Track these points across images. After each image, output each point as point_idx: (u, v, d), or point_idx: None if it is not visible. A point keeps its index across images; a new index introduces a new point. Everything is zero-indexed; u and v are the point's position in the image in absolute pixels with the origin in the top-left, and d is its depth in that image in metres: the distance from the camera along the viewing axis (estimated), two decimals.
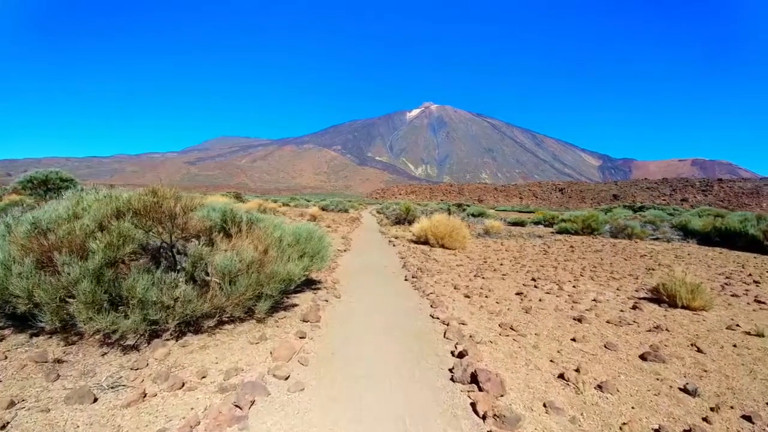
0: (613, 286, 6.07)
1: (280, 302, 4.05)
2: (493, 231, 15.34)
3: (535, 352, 3.03)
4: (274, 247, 3.93)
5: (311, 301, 4.28)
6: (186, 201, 3.46)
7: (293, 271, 3.50)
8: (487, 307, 4.35)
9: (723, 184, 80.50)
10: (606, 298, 5.23)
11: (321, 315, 3.76)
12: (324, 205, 29.68)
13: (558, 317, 4.15)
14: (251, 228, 4.33)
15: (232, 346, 2.93)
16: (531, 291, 5.37)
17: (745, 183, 78.03)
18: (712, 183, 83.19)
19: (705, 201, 73.35)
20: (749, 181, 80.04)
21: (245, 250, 3.56)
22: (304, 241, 4.51)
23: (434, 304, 4.28)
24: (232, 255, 3.44)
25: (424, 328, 3.56)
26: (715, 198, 75.65)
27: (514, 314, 4.15)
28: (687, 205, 67.97)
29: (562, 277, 6.70)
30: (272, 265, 3.50)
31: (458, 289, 5.32)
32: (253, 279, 3.28)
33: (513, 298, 4.95)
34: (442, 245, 10.48)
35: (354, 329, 3.47)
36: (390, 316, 3.93)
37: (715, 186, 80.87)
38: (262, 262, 3.52)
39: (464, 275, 6.53)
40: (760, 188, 72.79)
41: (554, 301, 4.88)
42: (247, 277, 3.32)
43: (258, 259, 3.47)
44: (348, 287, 5.27)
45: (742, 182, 79.46)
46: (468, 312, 4.15)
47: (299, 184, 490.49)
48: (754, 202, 69.44)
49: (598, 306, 4.75)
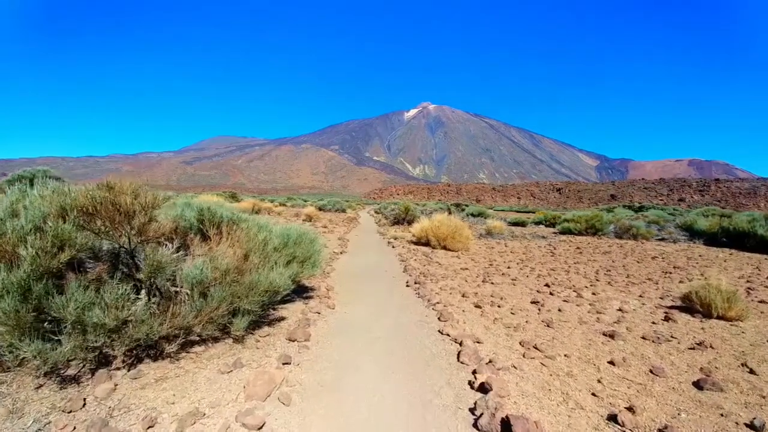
0: (635, 292, 5.54)
1: (264, 316, 3.47)
2: (496, 231, 14.83)
3: (571, 382, 2.48)
4: (257, 251, 3.35)
5: (300, 314, 3.70)
6: (148, 198, 2.87)
7: (277, 281, 2.92)
8: (503, 320, 3.80)
9: (720, 184, 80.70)
10: (632, 307, 4.70)
11: (311, 332, 3.18)
12: (321, 205, 29.05)
13: (585, 332, 3.60)
14: (232, 229, 3.75)
15: (197, 378, 2.35)
16: (547, 299, 4.82)
17: (742, 183, 78.26)
18: (709, 183, 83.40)
19: (702, 201, 73.47)
20: (746, 181, 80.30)
21: (221, 255, 2.99)
22: (293, 244, 3.93)
23: (442, 316, 3.72)
24: (204, 262, 2.86)
25: (433, 349, 2.99)
26: (712, 198, 75.80)
27: (534, 328, 3.60)
28: (684, 205, 68.01)
29: (576, 282, 6.17)
30: (253, 274, 2.92)
31: (467, 297, 4.77)
32: (227, 292, 2.70)
33: (529, 307, 4.40)
34: (444, 247, 9.93)
35: (349, 351, 2.90)
36: (392, 332, 3.36)
37: (712, 186, 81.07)
38: (240, 270, 2.94)
39: (471, 280, 5.98)
40: (757, 188, 73.00)
41: (575, 311, 4.34)
42: (222, 288, 2.74)
43: (235, 266, 2.89)
44: (344, 295, 4.70)
45: (739, 182, 79.71)
46: (482, 326, 3.59)
47: (296, 184, 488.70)
48: (751, 202, 69.59)
49: (625, 317, 4.21)
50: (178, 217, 3.80)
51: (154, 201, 2.90)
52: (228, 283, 2.78)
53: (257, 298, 2.81)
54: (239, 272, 2.97)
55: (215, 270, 2.79)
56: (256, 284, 2.82)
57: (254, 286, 2.81)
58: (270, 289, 2.87)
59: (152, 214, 3.00)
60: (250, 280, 2.83)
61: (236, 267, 2.88)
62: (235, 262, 2.93)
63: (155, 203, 2.88)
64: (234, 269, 2.86)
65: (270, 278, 2.89)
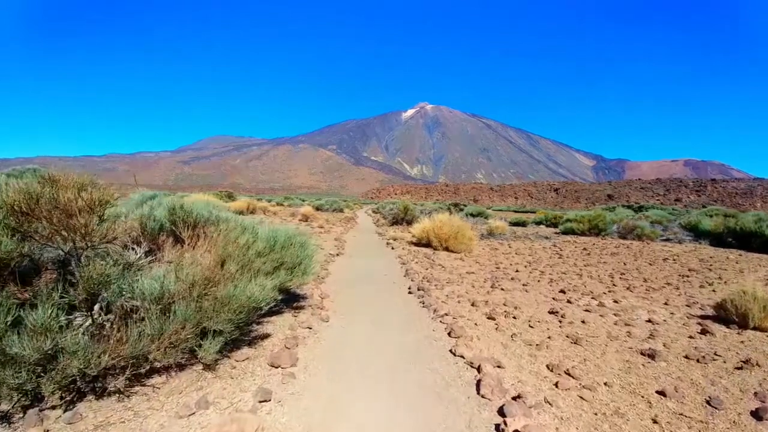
0: (658, 299, 5.07)
1: (245, 333, 2.95)
2: (498, 232, 14.36)
3: (623, 426, 1.98)
4: (235, 258, 2.82)
5: (289, 330, 3.17)
6: (98, 193, 2.34)
7: (257, 295, 2.40)
8: (522, 335, 3.29)
9: (716, 184, 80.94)
10: (661, 317, 4.22)
11: (299, 354, 2.66)
12: (318, 205, 28.46)
13: (619, 350, 3.11)
14: (209, 231, 3.23)
15: (147, 426, 1.82)
16: (566, 308, 4.33)
17: (738, 183, 78.52)
18: (705, 183, 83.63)
19: (699, 201, 73.61)
20: (742, 181, 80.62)
21: (189, 263, 2.46)
22: (281, 248, 3.41)
23: (453, 331, 3.21)
24: (166, 272, 2.33)
25: (445, 375, 2.48)
26: (708, 198, 75.97)
27: (560, 346, 3.10)
28: (681, 205, 68.04)
29: (592, 287, 5.70)
30: (227, 287, 2.40)
31: (477, 306, 4.26)
32: (193, 309, 2.17)
33: (548, 318, 3.91)
34: (446, 248, 9.43)
35: (344, 380, 2.38)
36: (395, 353, 2.85)
37: (708, 186, 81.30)
38: (211, 281, 2.41)
39: (479, 286, 5.48)
40: (754, 188, 73.25)
41: (601, 323, 3.85)
42: (187, 305, 2.22)
43: (205, 277, 2.36)
44: (339, 305, 4.18)
45: (735, 182, 79.98)
46: (499, 344, 3.08)
47: (294, 184, 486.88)
48: (747, 202, 69.77)
49: (658, 330, 3.73)
50: (145, 217, 3.27)
51: (102, 198, 2.36)
52: (195, 299, 2.25)
53: (231, 316, 2.29)
54: (212, 283, 2.45)
55: (179, 282, 2.27)
56: (230, 299, 2.29)
57: (228, 302, 2.29)
58: (248, 305, 2.35)
59: (104, 212, 2.47)
60: (223, 294, 2.30)
61: (206, 278, 2.35)
62: (205, 272, 2.40)
63: (105, 200, 2.34)
64: (203, 280, 2.34)
65: (248, 291, 2.36)
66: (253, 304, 2.36)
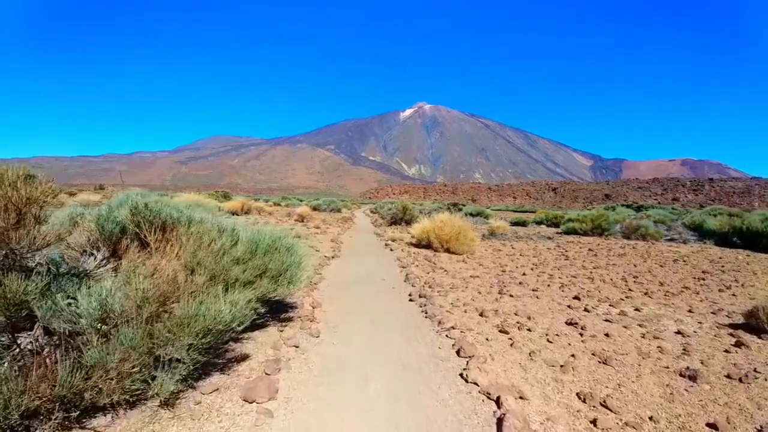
0: (681, 306, 4.66)
1: (219, 354, 2.50)
2: (499, 232, 13.96)
3: None
4: (206, 266, 2.37)
5: (271, 349, 2.72)
6: (25, 190, 1.88)
7: (225, 315, 1.94)
8: (541, 353, 2.86)
9: (714, 183, 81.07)
10: (690, 328, 3.80)
11: (280, 383, 2.20)
12: (316, 205, 27.95)
13: (655, 371, 2.69)
14: (178, 234, 2.77)
15: None
16: (584, 318, 3.90)
17: (736, 182, 78.66)
18: (703, 183, 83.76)
19: (696, 200, 73.66)
20: (740, 180, 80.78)
21: (143, 273, 2.01)
22: (264, 253, 2.96)
23: (462, 349, 2.77)
24: (112, 287, 1.88)
25: (458, 412, 2.04)
26: (706, 197, 76.06)
27: (587, 368, 2.66)
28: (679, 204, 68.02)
29: (607, 292, 5.28)
30: (190, 303, 1.94)
31: (486, 316, 3.82)
32: (142, 334, 1.72)
33: (567, 331, 3.48)
34: (447, 249, 9.00)
35: (333, 419, 1.94)
36: (396, 378, 2.40)
37: (706, 185, 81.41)
38: (169, 296, 1.96)
39: (485, 292, 5.04)
40: (751, 188, 73.38)
41: (626, 336, 3.42)
42: (135, 329, 1.77)
43: (162, 292, 1.91)
44: (332, 314, 3.73)
45: (733, 182, 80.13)
46: (517, 366, 2.64)
47: (292, 184, 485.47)
48: (745, 201, 69.85)
49: (690, 344, 3.32)
50: (103, 218, 2.81)
51: (35, 194, 1.90)
52: (146, 320, 1.80)
53: (193, 341, 1.83)
54: (170, 299, 1.99)
55: (127, 299, 1.81)
56: (190, 320, 1.84)
57: (188, 324, 1.83)
58: (213, 326, 1.89)
59: (39, 212, 2.01)
60: (182, 314, 1.85)
61: (162, 293, 1.90)
62: (162, 285, 1.95)
63: (35, 198, 1.89)
64: (158, 296, 1.88)
65: (215, 311, 1.91)
66: (219, 326, 1.90)
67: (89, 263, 2.62)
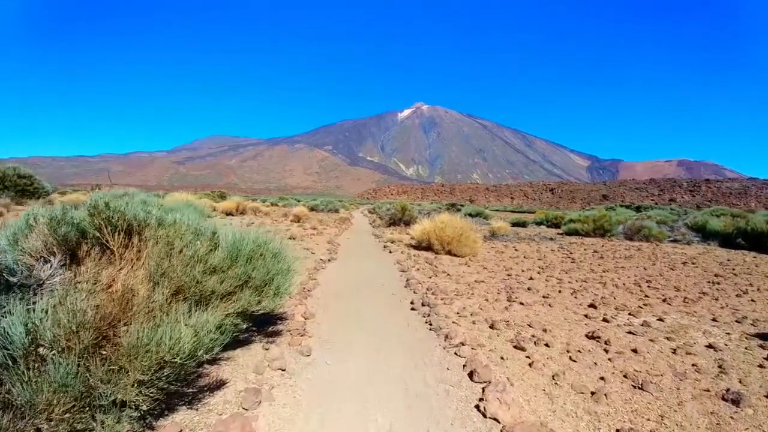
0: (703, 314, 4.31)
1: (189, 382, 2.10)
2: (501, 233, 13.63)
3: None
4: (172, 277, 1.97)
5: (253, 373, 2.33)
6: None
7: (184, 343, 1.54)
8: (566, 377, 2.48)
9: (710, 184, 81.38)
10: (720, 340, 3.45)
11: (259, 422, 1.81)
12: (314, 205, 27.50)
13: (696, 396, 2.32)
14: (143, 238, 2.37)
15: None
16: (606, 330, 3.53)
17: (732, 183, 78.99)
18: (699, 183, 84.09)
19: (693, 201, 73.87)
20: (736, 181, 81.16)
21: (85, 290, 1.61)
22: (246, 260, 2.56)
23: (475, 372, 2.39)
24: (41, 308, 1.48)
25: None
26: (702, 198, 76.30)
27: (622, 395, 2.29)
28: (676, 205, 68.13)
29: (623, 299, 4.92)
30: (142, 328, 1.55)
31: (497, 328, 3.44)
32: (72, 371, 1.32)
33: (589, 346, 3.10)
34: (448, 252, 8.63)
35: None
36: (401, 413, 2.01)
37: (702, 186, 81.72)
38: (119, 319, 1.56)
39: (493, 299, 4.67)
40: (748, 188, 73.68)
41: (656, 352, 3.05)
42: (67, 362, 1.37)
43: (104, 315, 1.51)
44: (326, 328, 3.34)
45: (729, 182, 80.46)
46: (541, 393, 2.26)
47: (290, 184, 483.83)
48: (741, 201, 70.09)
49: (725, 359, 2.96)
50: (55, 219, 2.40)
51: None
52: (80, 353, 1.40)
53: (144, 377, 1.43)
54: (123, 322, 1.59)
55: (56, 325, 1.42)
56: (139, 351, 1.44)
57: (137, 355, 1.44)
58: (170, 359, 1.49)
59: None
60: (129, 344, 1.46)
61: (106, 316, 1.50)
62: (108, 305, 1.55)
63: None
64: (101, 320, 1.48)
65: (173, 339, 1.51)
66: (178, 358, 1.50)
67: (45, 271, 2.23)
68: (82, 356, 1.50)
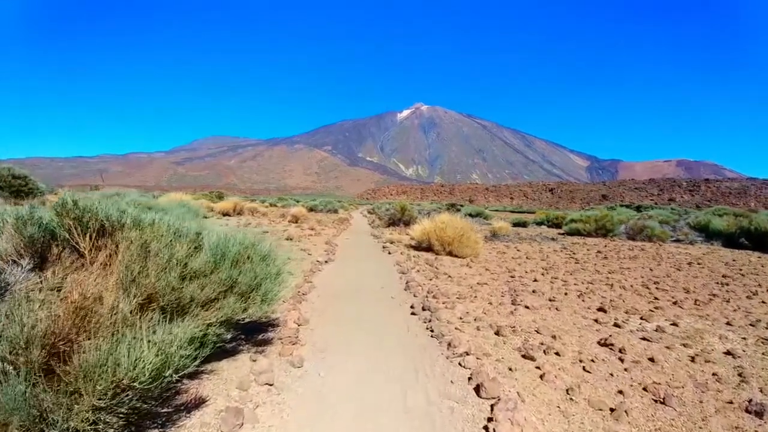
0: (717, 317, 4.11)
1: (165, 399, 1.89)
2: (502, 233, 13.42)
3: None
4: (144, 285, 1.76)
5: (236, 389, 2.11)
6: None
7: (147, 363, 1.32)
8: (582, 390, 2.27)
9: (710, 184, 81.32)
10: (737, 345, 3.25)
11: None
12: (313, 206, 27.27)
13: (719, 408, 2.13)
14: (115, 239, 2.16)
15: None
16: (618, 336, 3.32)
17: (732, 183, 78.94)
18: (698, 183, 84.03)
19: (693, 201, 73.78)
20: (736, 180, 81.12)
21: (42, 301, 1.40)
22: (231, 264, 2.34)
23: (482, 386, 2.17)
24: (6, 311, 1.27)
25: None
26: (702, 198, 76.23)
27: (643, 411, 2.08)
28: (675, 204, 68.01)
29: (632, 302, 4.71)
30: (101, 345, 1.33)
31: (503, 335, 3.23)
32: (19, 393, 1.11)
33: (603, 355, 2.89)
34: (449, 252, 8.42)
35: None
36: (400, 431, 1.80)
37: (702, 186, 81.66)
38: (75, 333, 1.34)
39: (497, 303, 4.46)
40: (747, 188, 73.63)
41: (673, 360, 2.85)
42: (12, 383, 1.16)
43: (54, 330, 1.30)
44: (321, 335, 3.13)
45: (729, 182, 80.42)
46: (556, 411, 2.05)
47: (289, 184, 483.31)
48: (741, 201, 70.00)
49: (744, 367, 2.77)
50: (21, 219, 2.19)
51: None
52: (26, 374, 1.19)
53: (101, 402, 1.22)
54: (81, 337, 1.38)
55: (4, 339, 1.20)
56: (98, 372, 1.23)
57: (93, 377, 1.22)
58: (130, 382, 1.28)
59: None
60: (83, 363, 1.24)
61: (60, 331, 1.29)
62: (64, 318, 1.33)
63: None
64: (53, 335, 1.27)
65: (131, 357, 1.29)
66: (138, 382, 1.28)
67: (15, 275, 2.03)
68: (32, 376, 1.29)
